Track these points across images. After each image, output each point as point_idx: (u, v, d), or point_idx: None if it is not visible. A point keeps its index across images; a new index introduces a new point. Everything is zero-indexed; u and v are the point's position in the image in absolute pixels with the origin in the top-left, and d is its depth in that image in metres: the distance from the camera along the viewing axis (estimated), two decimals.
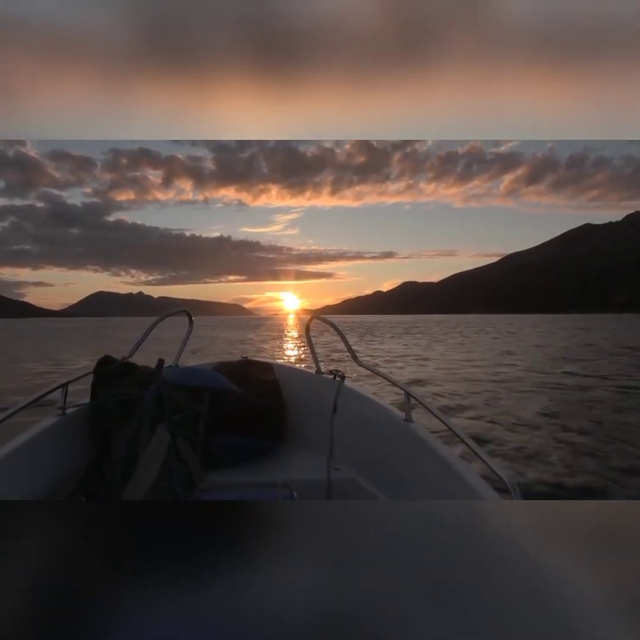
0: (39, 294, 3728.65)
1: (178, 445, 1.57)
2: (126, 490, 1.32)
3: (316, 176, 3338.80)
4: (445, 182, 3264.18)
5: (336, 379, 2.02)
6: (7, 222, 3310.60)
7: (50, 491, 1.34)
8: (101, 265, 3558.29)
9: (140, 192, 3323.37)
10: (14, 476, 1.22)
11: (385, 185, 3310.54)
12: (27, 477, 1.29)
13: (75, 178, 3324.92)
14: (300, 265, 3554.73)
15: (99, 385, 1.66)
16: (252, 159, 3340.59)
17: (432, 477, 1.29)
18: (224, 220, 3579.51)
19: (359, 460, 1.76)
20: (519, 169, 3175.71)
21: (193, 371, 2.05)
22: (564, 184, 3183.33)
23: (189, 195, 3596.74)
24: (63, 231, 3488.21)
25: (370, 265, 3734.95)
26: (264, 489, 1.59)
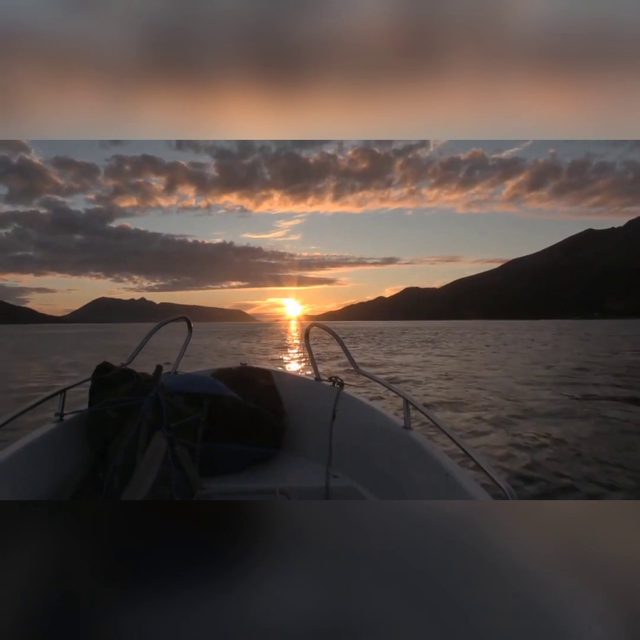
0: (42, 300, 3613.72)
1: (176, 452, 1.56)
2: (123, 496, 1.32)
3: (318, 182, 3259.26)
4: (448, 188, 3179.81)
5: (335, 386, 2.02)
6: (10, 228, 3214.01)
7: (48, 497, 1.34)
8: (104, 271, 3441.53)
9: (143, 198, 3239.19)
10: (11, 482, 1.22)
11: (388, 192, 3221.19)
12: (25, 483, 1.29)
13: (79, 184, 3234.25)
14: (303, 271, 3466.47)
15: (97, 391, 1.66)
16: (254, 166, 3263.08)
17: (431, 485, 1.28)
18: (226, 226, 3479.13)
19: (357, 467, 1.75)
20: (521, 174, 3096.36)
21: (192, 378, 2.05)
22: (566, 190, 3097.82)
23: (191, 202, 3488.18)
24: (66, 237, 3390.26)
25: (373, 271, 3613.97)
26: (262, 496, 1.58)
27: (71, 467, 1.50)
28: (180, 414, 1.69)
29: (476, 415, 5.58)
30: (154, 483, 1.39)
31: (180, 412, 1.70)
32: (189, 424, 1.71)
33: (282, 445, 2.03)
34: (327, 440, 1.81)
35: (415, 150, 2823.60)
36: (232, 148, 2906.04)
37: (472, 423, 5.19)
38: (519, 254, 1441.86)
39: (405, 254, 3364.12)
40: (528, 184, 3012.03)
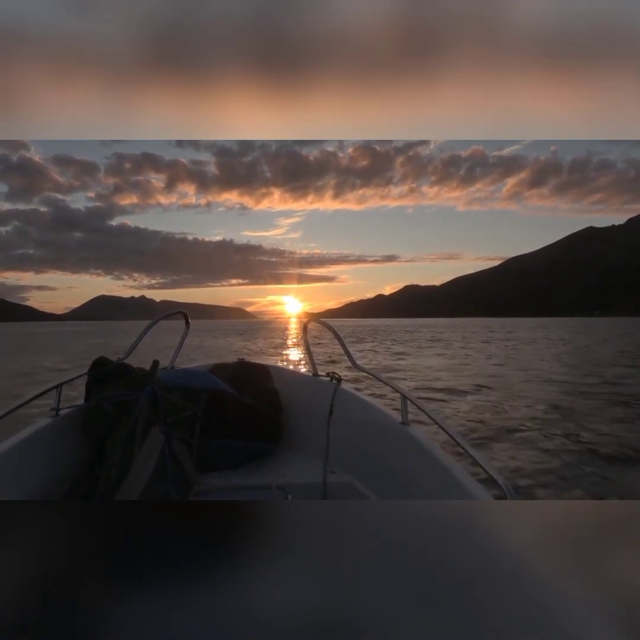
0: (42, 297, 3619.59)
1: (173, 447, 1.56)
2: (120, 492, 1.32)
3: (319, 180, 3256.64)
4: (448, 185, 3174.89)
5: (333, 382, 2.02)
6: (10, 226, 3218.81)
7: (44, 493, 1.34)
8: (104, 269, 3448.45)
9: (143, 196, 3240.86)
10: (6, 478, 1.22)
11: (388, 189, 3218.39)
12: (20, 478, 1.29)
13: (79, 182, 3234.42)
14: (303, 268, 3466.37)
15: (94, 386, 1.66)
16: (254, 163, 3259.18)
17: (428, 480, 1.28)
18: (226, 224, 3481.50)
19: (355, 463, 1.75)
20: (522, 172, 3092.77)
21: (189, 373, 2.05)
22: (567, 188, 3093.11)
23: (191, 199, 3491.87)
24: (66, 235, 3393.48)
25: (373, 269, 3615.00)
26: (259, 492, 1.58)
27: (67, 462, 1.49)
28: (178, 409, 1.69)
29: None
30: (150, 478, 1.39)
31: (178, 407, 1.69)
32: (186, 419, 1.70)
33: (280, 441, 2.03)
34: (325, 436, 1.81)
35: (416, 148, 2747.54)
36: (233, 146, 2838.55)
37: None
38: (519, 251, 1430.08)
39: (405, 252, 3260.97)
40: (529, 182, 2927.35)
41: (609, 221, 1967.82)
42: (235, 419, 1.88)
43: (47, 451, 1.43)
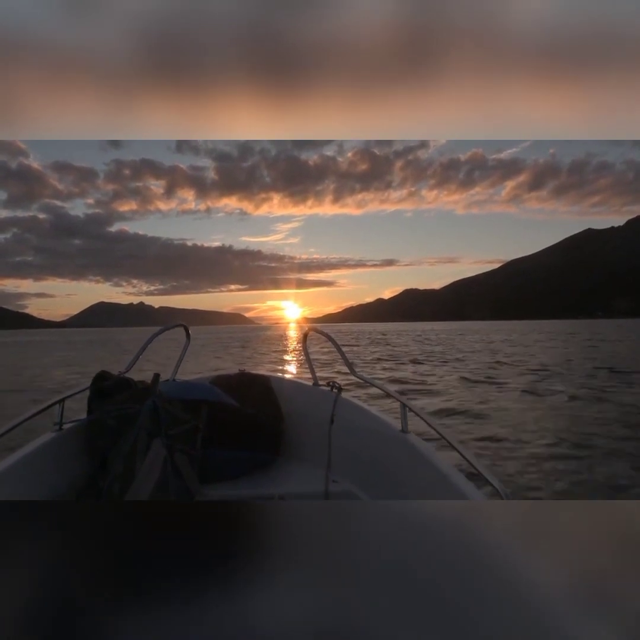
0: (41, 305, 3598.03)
1: (175, 459, 1.57)
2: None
3: (318, 184, 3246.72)
4: (447, 189, 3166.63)
5: (333, 391, 2.02)
6: (9, 233, 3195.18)
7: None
8: (103, 275, 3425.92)
9: (143, 202, 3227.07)
10: (10, 492, 1.23)
11: (388, 193, 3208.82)
12: (24, 493, 1.29)
13: (78, 189, 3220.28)
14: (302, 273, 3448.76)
15: (96, 400, 1.67)
16: (254, 168, 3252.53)
17: (430, 488, 1.29)
18: (225, 229, 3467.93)
19: (356, 472, 1.76)
20: (521, 175, 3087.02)
21: (190, 385, 2.06)
22: (565, 190, 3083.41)
23: (190, 205, 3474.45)
24: (65, 242, 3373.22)
25: (372, 273, 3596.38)
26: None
27: (71, 476, 1.50)
28: (179, 421, 1.70)
29: None
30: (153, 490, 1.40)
31: (179, 420, 1.70)
32: (187, 431, 1.71)
33: (281, 451, 2.03)
34: (326, 445, 1.82)
35: (415, 152, 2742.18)
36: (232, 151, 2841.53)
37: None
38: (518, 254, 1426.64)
39: (404, 256, 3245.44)
40: (528, 184, 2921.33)
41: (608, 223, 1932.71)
42: (236, 430, 1.89)
43: (50, 465, 1.44)
